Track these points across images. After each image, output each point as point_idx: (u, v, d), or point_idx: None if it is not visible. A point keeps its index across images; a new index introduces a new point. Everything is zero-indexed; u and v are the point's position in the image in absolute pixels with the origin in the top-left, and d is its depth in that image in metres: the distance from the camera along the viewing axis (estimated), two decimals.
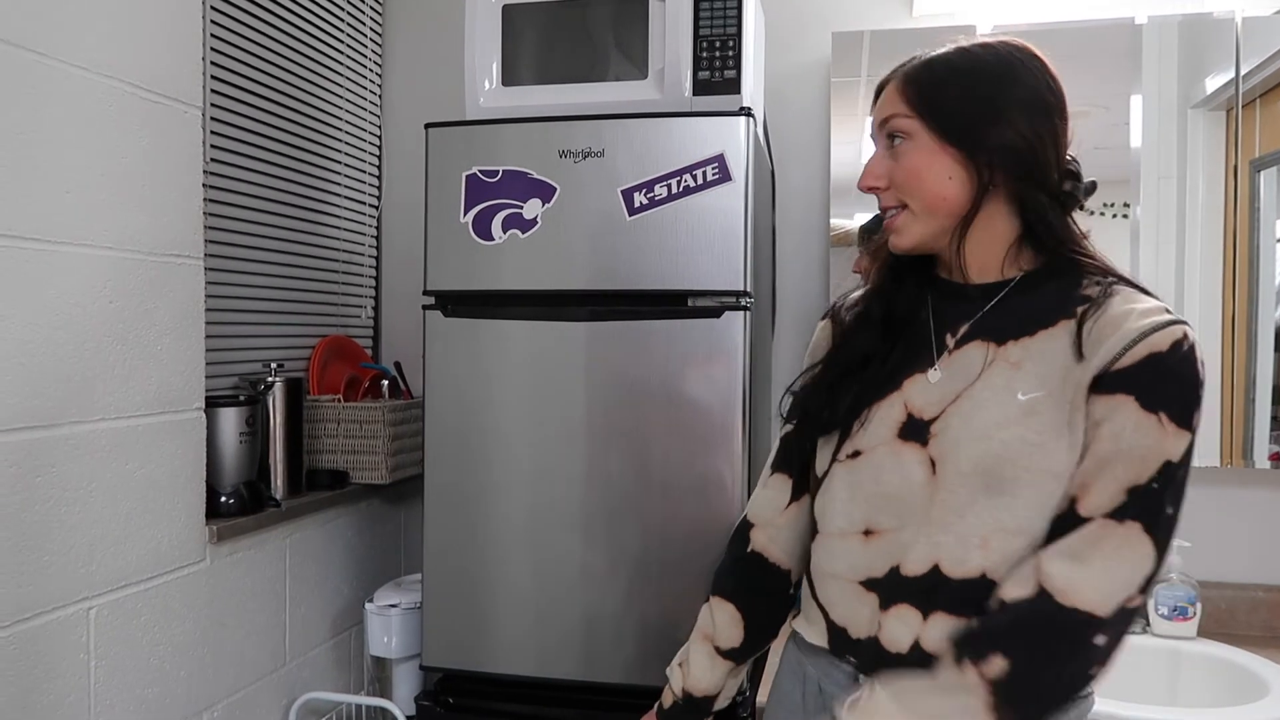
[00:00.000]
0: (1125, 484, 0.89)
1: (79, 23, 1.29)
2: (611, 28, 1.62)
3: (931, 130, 0.99)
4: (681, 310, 1.51)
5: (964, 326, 1.02)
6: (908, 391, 1.02)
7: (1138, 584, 0.89)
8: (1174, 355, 0.89)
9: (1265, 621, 1.77)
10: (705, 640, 1.19)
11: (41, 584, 1.24)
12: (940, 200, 1.00)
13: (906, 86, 1.01)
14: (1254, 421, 1.77)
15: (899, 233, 1.03)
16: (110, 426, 1.35)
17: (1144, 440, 0.89)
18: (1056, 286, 0.98)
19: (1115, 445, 0.90)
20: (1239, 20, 1.76)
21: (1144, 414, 0.89)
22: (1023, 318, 0.98)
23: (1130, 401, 0.89)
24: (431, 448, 1.61)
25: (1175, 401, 0.89)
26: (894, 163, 1.02)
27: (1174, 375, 0.90)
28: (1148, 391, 0.89)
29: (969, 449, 0.95)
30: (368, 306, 2.21)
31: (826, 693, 1.05)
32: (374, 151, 2.22)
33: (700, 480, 1.50)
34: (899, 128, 1.01)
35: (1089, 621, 0.88)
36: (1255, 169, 1.76)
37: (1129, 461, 0.89)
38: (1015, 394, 0.95)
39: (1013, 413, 0.94)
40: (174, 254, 1.46)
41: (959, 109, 0.99)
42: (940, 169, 0.99)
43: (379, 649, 1.81)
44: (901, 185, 1.01)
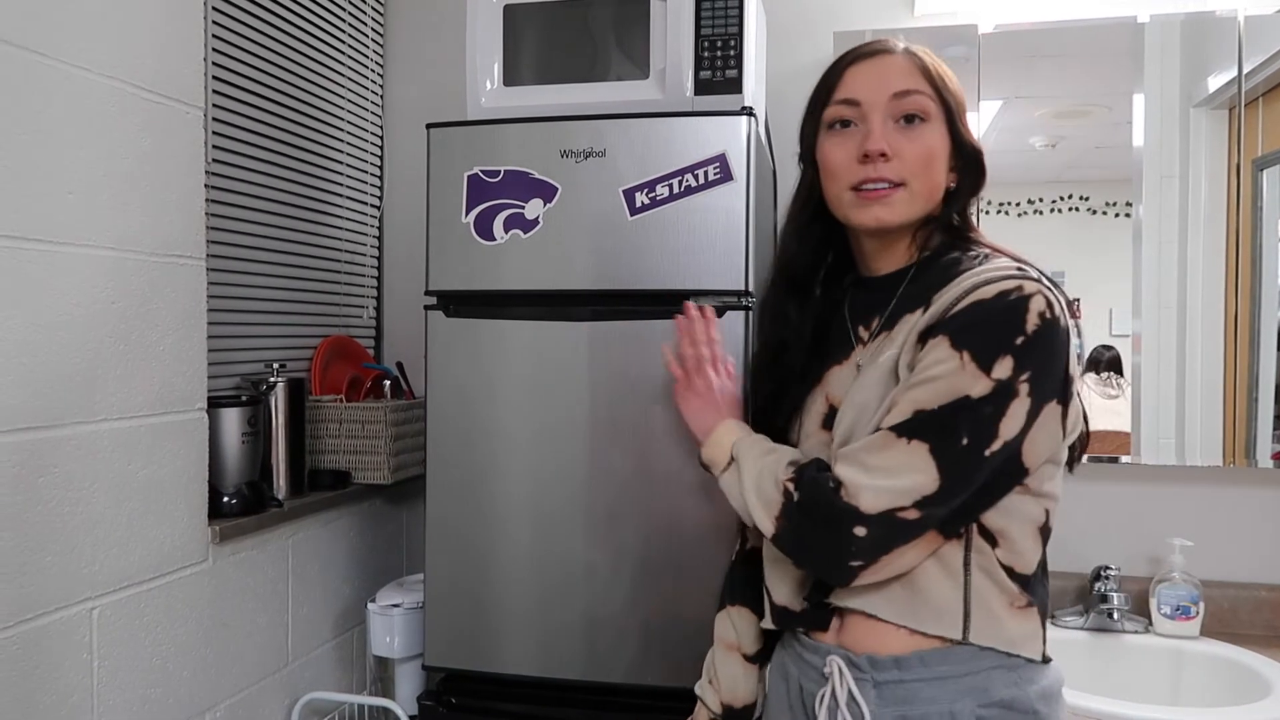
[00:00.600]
0: (915, 405, 0.93)
1: (80, 23, 1.29)
2: (613, 27, 1.62)
3: (946, 120, 1.02)
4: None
5: (876, 319, 1.07)
6: (828, 383, 1.09)
7: (912, 498, 0.93)
8: (996, 302, 0.93)
9: (1268, 621, 1.77)
10: (731, 650, 1.22)
11: (44, 584, 1.24)
12: (937, 189, 1.04)
13: (927, 69, 1.03)
14: (1257, 421, 1.77)
15: (890, 207, 1.02)
16: (112, 427, 1.35)
17: (941, 371, 0.93)
18: (941, 266, 1.02)
19: (919, 375, 0.94)
20: (1241, 19, 1.76)
21: (950, 350, 0.93)
22: (912, 301, 1.02)
23: (943, 341, 0.93)
24: (434, 448, 1.62)
25: (980, 343, 0.92)
26: (906, 140, 1.01)
27: (988, 320, 0.93)
28: (959, 332, 0.93)
29: (845, 418, 1.02)
30: (369, 307, 2.21)
31: (807, 691, 1.07)
32: (375, 152, 2.22)
33: (702, 479, 1.50)
34: (922, 107, 1.01)
35: (855, 514, 0.93)
36: (1258, 168, 1.76)
37: (923, 387, 0.93)
38: (878, 359, 1.01)
39: (875, 376, 1.01)
40: (176, 254, 1.46)
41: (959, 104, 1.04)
42: (944, 161, 1.03)
43: (381, 649, 1.81)
44: (911, 164, 1.01)
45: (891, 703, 0.99)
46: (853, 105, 1.03)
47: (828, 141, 1.06)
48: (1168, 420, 1.80)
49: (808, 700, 1.06)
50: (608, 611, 1.54)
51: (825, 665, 1.03)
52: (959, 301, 0.94)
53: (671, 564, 1.52)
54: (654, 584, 1.53)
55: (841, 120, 1.04)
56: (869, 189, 1.02)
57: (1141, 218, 1.81)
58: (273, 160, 1.86)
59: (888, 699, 1.00)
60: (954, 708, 0.97)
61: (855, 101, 1.03)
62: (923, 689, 0.99)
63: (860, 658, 1.01)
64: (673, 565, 1.52)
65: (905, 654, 1.00)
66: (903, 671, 0.99)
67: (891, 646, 1.00)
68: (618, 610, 1.54)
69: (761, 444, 1.09)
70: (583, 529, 1.55)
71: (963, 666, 0.98)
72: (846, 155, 1.03)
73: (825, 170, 1.06)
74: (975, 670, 0.98)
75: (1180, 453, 1.80)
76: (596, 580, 1.55)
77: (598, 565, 1.55)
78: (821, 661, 1.04)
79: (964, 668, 0.98)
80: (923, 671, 0.99)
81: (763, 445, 1.09)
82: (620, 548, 1.54)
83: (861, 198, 1.03)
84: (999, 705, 0.97)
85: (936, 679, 0.98)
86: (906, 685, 0.99)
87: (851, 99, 1.03)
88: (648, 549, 1.53)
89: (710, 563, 1.50)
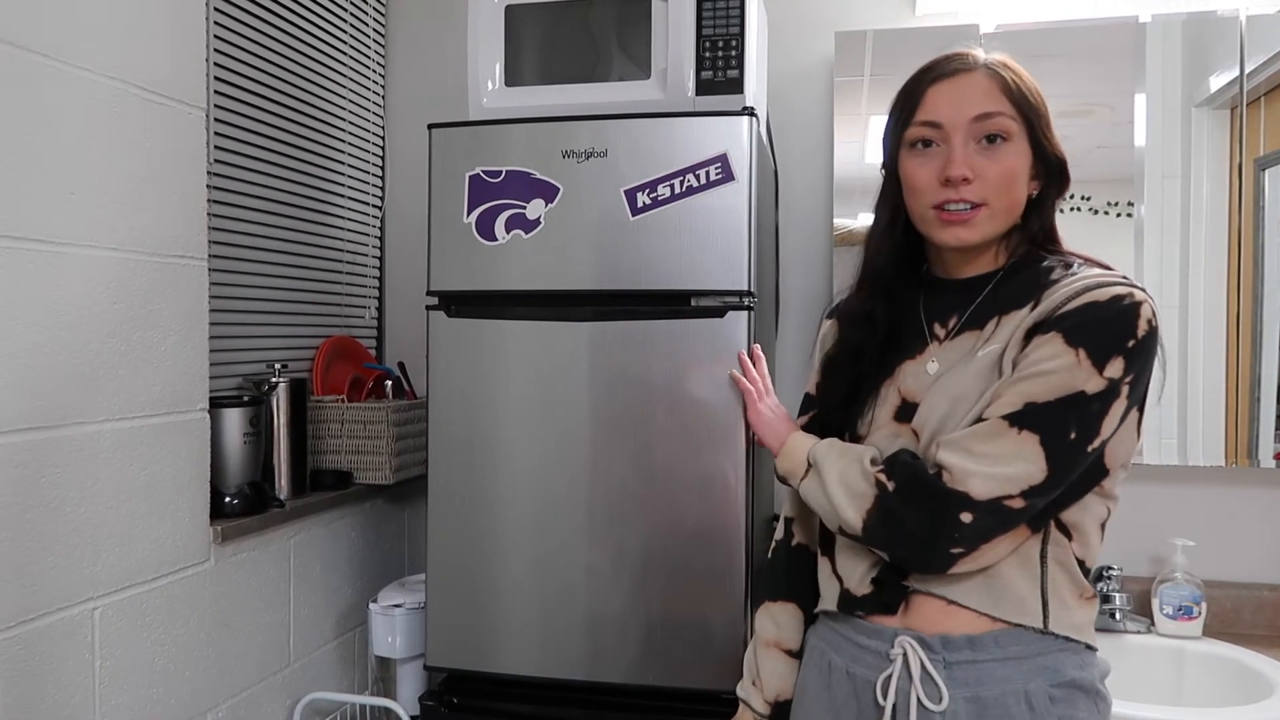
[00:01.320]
0: (1027, 396, 0.96)
1: (83, 24, 1.29)
2: (614, 28, 1.62)
3: (1028, 136, 1.04)
4: (685, 310, 1.51)
5: (954, 318, 1.09)
6: (900, 378, 1.10)
7: (1019, 487, 0.95)
8: (1111, 305, 0.96)
9: (1270, 621, 1.77)
10: (772, 647, 1.23)
11: (46, 585, 1.24)
12: (1017, 205, 1.06)
13: (1008, 87, 1.03)
14: (1259, 421, 1.77)
15: (972, 228, 1.05)
16: (114, 427, 1.35)
17: (1055, 366, 0.95)
18: (1032, 272, 1.05)
19: (1030, 369, 0.96)
20: (1243, 19, 1.75)
21: (1064, 347, 0.95)
22: (1004, 301, 1.05)
23: (1057, 338, 0.96)
24: (435, 448, 1.62)
25: (1096, 342, 0.95)
26: (988, 161, 1.03)
27: (1103, 320, 0.96)
28: (1074, 331, 0.96)
29: (937, 408, 1.03)
30: (371, 307, 2.21)
31: (858, 676, 1.07)
32: (377, 152, 2.22)
33: (704, 480, 1.50)
34: (1003, 128, 1.03)
35: (964, 499, 0.95)
36: (1260, 168, 1.76)
37: (1035, 380, 0.96)
38: (976, 354, 1.03)
39: (973, 370, 1.02)
40: (178, 255, 1.46)
41: (1041, 117, 1.05)
42: (1025, 176, 1.05)
43: (383, 649, 1.81)
44: (994, 185, 1.03)
45: (962, 684, 1.00)
46: (934, 127, 1.05)
47: (910, 160, 1.07)
48: (1169, 420, 1.80)
49: (860, 687, 1.07)
50: (609, 612, 1.54)
51: (892, 647, 1.04)
52: (1070, 301, 0.97)
53: (673, 564, 1.52)
54: (655, 584, 1.53)
55: (924, 140, 1.06)
56: (951, 210, 1.04)
57: (1143, 217, 1.81)
58: (274, 161, 1.86)
59: (958, 680, 1.00)
60: (1028, 687, 0.99)
61: (937, 124, 1.05)
62: (996, 669, 1.00)
63: (933, 638, 1.02)
64: (674, 565, 1.52)
65: (979, 634, 1.01)
66: (976, 651, 1.01)
67: (965, 627, 1.02)
68: (619, 610, 1.54)
69: (836, 446, 1.12)
70: (584, 529, 1.55)
71: (1034, 647, 1.01)
72: (929, 176, 1.05)
73: (908, 188, 1.08)
74: (1045, 651, 1.01)
75: (1182, 453, 1.80)
76: (598, 580, 1.55)
77: (599, 565, 1.55)
78: (884, 645, 1.05)
79: (1035, 648, 1.01)
80: (996, 651, 1.00)
81: (838, 447, 1.11)
82: (621, 548, 1.54)
83: (943, 218, 1.05)
84: (1069, 685, 1.00)
85: (1010, 659, 1.00)
86: (980, 665, 1.00)
87: (933, 121, 1.05)
88: (649, 549, 1.53)
89: (711, 562, 1.50)
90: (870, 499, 1.02)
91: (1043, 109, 1.06)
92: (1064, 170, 1.07)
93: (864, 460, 1.05)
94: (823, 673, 1.12)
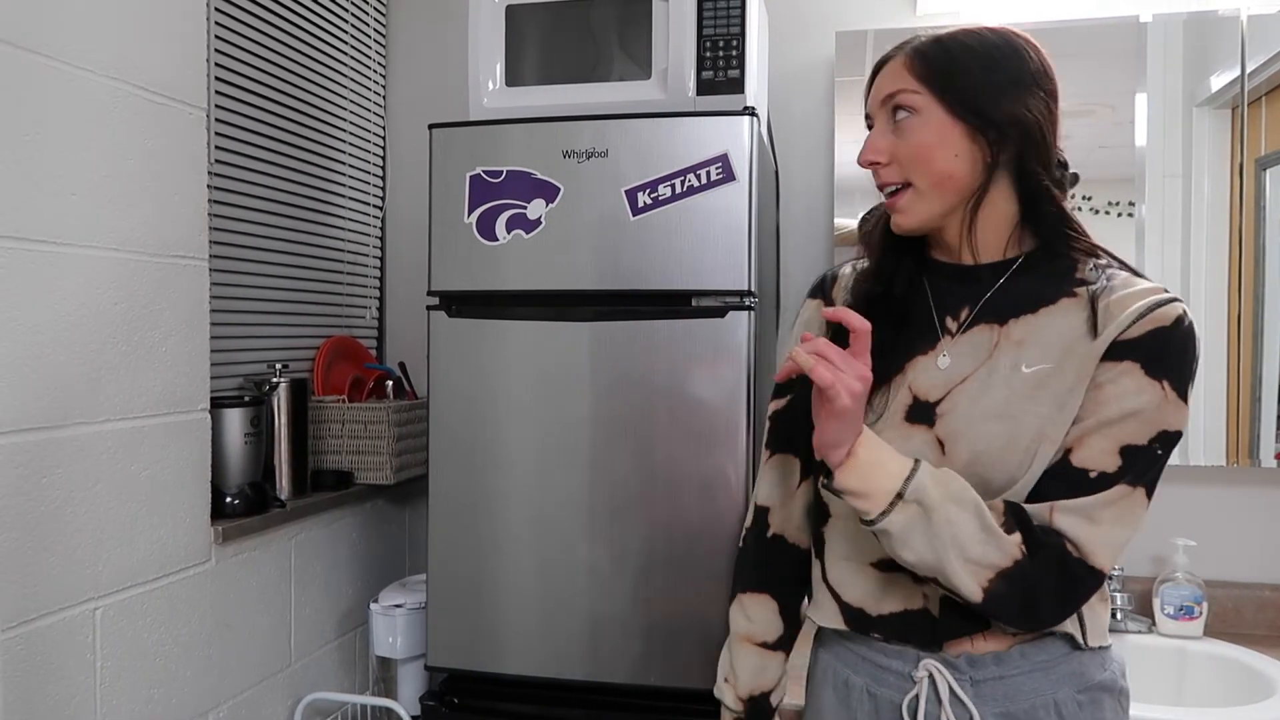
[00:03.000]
0: (1122, 442, 0.92)
1: (84, 25, 1.29)
2: (615, 28, 1.62)
3: (943, 105, 0.98)
4: (686, 310, 1.51)
5: (966, 309, 1.03)
6: (911, 374, 1.03)
7: (1129, 543, 0.94)
8: (1177, 329, 0.93)
9: (1272, 621, 1.77)
10: (746, 641, 1.18)
11: (47, 585, 1.24)
12: (947, 178, 0.99)
13: (916, 61, 1.00)
14: (1260, 420, 1.77)
15: (904, 212, 1.01)
16: (115, 428, 1.35)
17: (1145, 404, 0.92)
18: (1054, 266, 1.00)
19: (1120, 406, 0.92)
20: (1244, 18, 1.75)
21: (1148, 380, 0.92)
22: (1023, 296, 1.00)
23: (1136, 368, 0.92)
24: (436, 448, 1.62)
25: (1176, 371, 0.93)
26: (898, 139, 1.00)
27: (1177, 347, 0.93)
28: (1153, 359, 0.93)
29: (982, 428, 0.96)
30: (372, 307, 2.21)
31: (880, 697, 1.04)
32: (378, 152, 2.22)
33: (705, 479, 1.50)
34: (907, 102, 0.99)
35: (1094, 574, 0.93)
36: (1261, 167, 1.76)
37: (1129, 422, 0.92)
38: (1020, 368, 0.97)
39: (1020, 388, 0.96)
40: (179, 255, 1.46)
41: (974, 83, 0.98)
42: (949, 145, 0.98)
43: (384, 649, 1.82)
44: (908, 161, 1.00)
45: (990, 700, 0.98)
46: (868, 120, 1.05)
47: None
48: None
49: (883, 707, 1.03)
50: (610, 612, 1.54)
51: (916, 669, 1.01)
52: (1136, 323, 0.93)
53: (674, 564, 1.52)
54: (656, 584, 1.53)
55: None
56: (886, 197, 1.03)
57: (1144, 217, 1.81)
58: (275, 161, 1.86)
59: (987, 697, 0.98)
60: (1056, 696, 0.98)
61: (868, 115, 1.05)
62: (1024, 682, 0.98)
63: (958, 659, 1.00)
64: (675, 565, 1.52)
65: (1005, 650, 0.99)
66: (1002, 668, 0.99)
67: (989, 645, 0.99)
68: (620, 610, 1.54)
69: (941, 481, 0.93)
70: (585, 529, 1.55)
71: (1057, 652, 0.99)
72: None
73: None
74: (1069, 655, 0.99)
75: (1183, 452, 1.80)
76: (599, 580, 1.55)
77: (600, 565, 1.55)
78: (908, 666, 1.02)
79: (1058, 653, 0.99)
80: (1023, 664, 0.99)
81: (946, 485, 0.93)
82: (622, 548, 1.54)
83: (886, 206, 1.04)
84: (1096, 688, 0.99)
85: (1037, 670, 0.99)
86: (1007, 680, 0.99)
87: (867, 114, 1.05)
88: (650, 549, 1.53)
89: (712, 562, 1.50)
90: (995, 571, 0.92)
91: (969, 75, 0.98)
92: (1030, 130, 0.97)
93: (983, 516, 0.92)
94: (840, 692, 1.08)
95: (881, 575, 1.03)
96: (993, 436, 0.96)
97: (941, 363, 1.02)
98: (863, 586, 1.04)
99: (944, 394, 1.00)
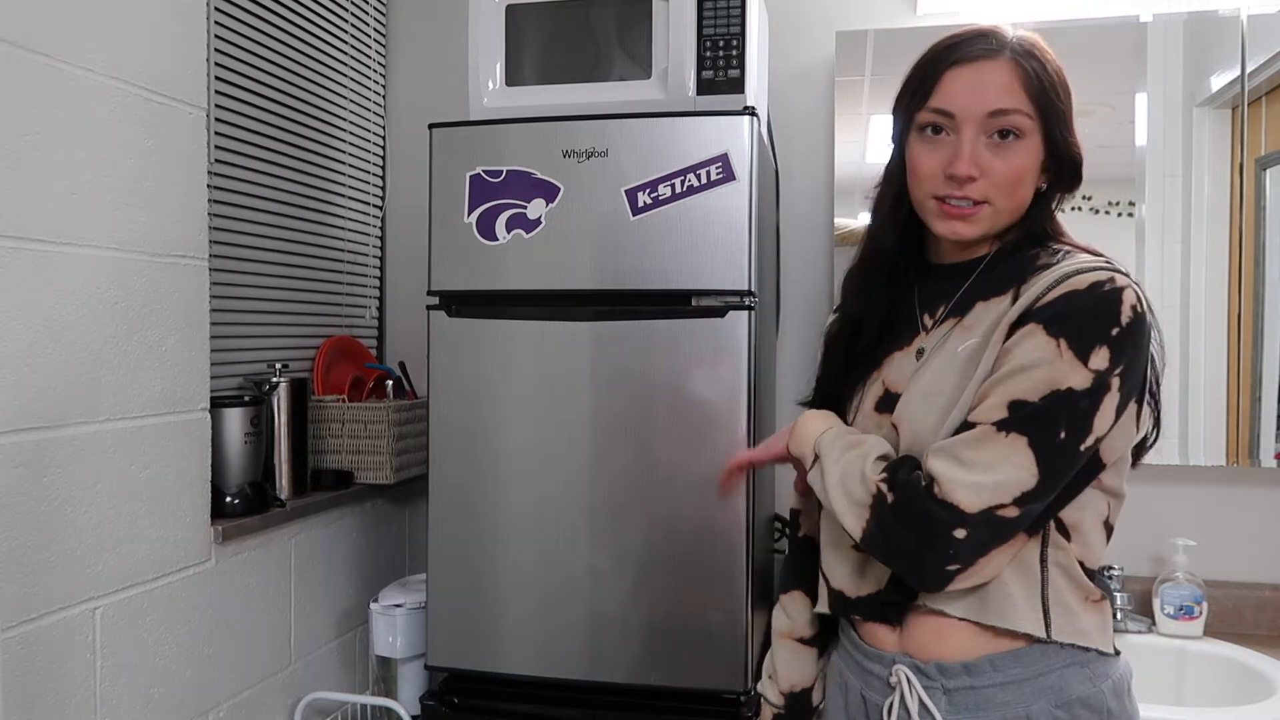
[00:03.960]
0: (1011, 396, 0.92)
1: (84, 25, 1.29)
2: (615, 27, 1.62)
3: (1042, 134, 0.98)
4: (686, 310, 1.51)
5: (943, 306, 1.05)
6: (886, 369, 1.08)
7: (1011, 495, 0.91)
8: (1090, 293, 0.92)
9: (1272, 621, 1.77)
10: (786, 638, 1.22)
11: (47, 584, 1.24)
12: (1023, 204, 1.01)
13: (1029, 80, 0.97)
14: (1260, 420, 1.77)
15: (973, 224, 1.00)
16: (115, 427, 1.35)
17: (1037, 359, 0.91)
18: (1018, 259, 1.01)
19: (1012, 364, 0.93)
20: (1244, 18, 1.75)
21: (1045, 339, 0.92)
22: (985, 288, 1.01)
23: (1038, 330, 0.92)
24: (436, 447, 1.62)
25: (1077, 332, 0.91)
26: (997, 159, 0.98)
27: (1082, 309, 0.92)
28: (1053, 321, 0.92)
29: (919, 407, 1.00)
30: (372, 307, 2.21)
31: (870, 701, 1.06)
32: (378, 152, 2.22)
33: (705, 479, 1.50)
34: (1017, 125, 0.97)
35: (955, 512, 0.90)
36: (1261, 167, 1.76)
37: (1019, 377, 0.92)
38: (956, 348, 0.99)
39: (952, 365, 0.99)
40: (179, 255, 1.46)
41: (1061, 114, 0.99)
42: (1034, 174, 1.00)
43: (384, 649, 1.81)
44: (1000, 184, 0.98)
45: (964, 709, 0.98)
46: (946, 116, 0.99)
47: (918, 143, 1.02)
48: (1170, 420, 1.79)
49: (871, 710, 1.05)
50: (610, 611, 1.54)
51: (890, 674, 1.02)
52: (1049, 291, 0.93)
53: (674, 564, 1.52)
54: (656, 584, 1.53)
55: (934, 126, 1.01)
56: (952, 205, 1.00)
57: (1144, 217, 1.81)
58: (275, 160, 1.86)
59: (959, 706, 0.98)
60: (1029, 710, 0.96)
61: (949, 113, 0.99)
62: (996, 694, 0.97)
63: (928, 665, 1.00)
64: (675, 565, 1.52)
65: (974, 659, 0.98)
66: (973, 678, 0.98)
67: (960, 652, 0.99)
68: (620, 610, 1.54)
69: (844, 438, 1.03)
70: (585, 529, 1.55)
71: (1034, 667, 0.97)
72: (934, 165, 1.00)
73: (912, 172, 1.04)
74: (1047, 670, 0.97)
75: (1183, 452, 1.80)
76: (599, 580, 1.55)
77: (600, 565, 1.55)
78: (885, 670, 1.03)
79: (1035, 668, 0.97)
80: (994, 676, 0.97)
81: (845, 439, 1.03)
82: (622, 547, 1.54)
83: (944, 209, 1.01)
84: (1075, 703, 0.96)
85: (1010, 683, 0.97)
86: (979, 691, 0.98)
87: (945, 109, 0.99)
88: (650, 549, 1.53)
89: (712, 562, 1.50)
90: (867, 509, 0.96)
91: (1064, 104, 0.99)
92: (1078, 169, 1.02)
93: (868, 461, 0.99)
94: (842, 693, 1.11)
95: (859, 556, 1.06)
96: (926, 413, 0.99)
97: (913, 357, 1.05)
98: (844, 570, 1.08)
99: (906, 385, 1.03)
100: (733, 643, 1.49)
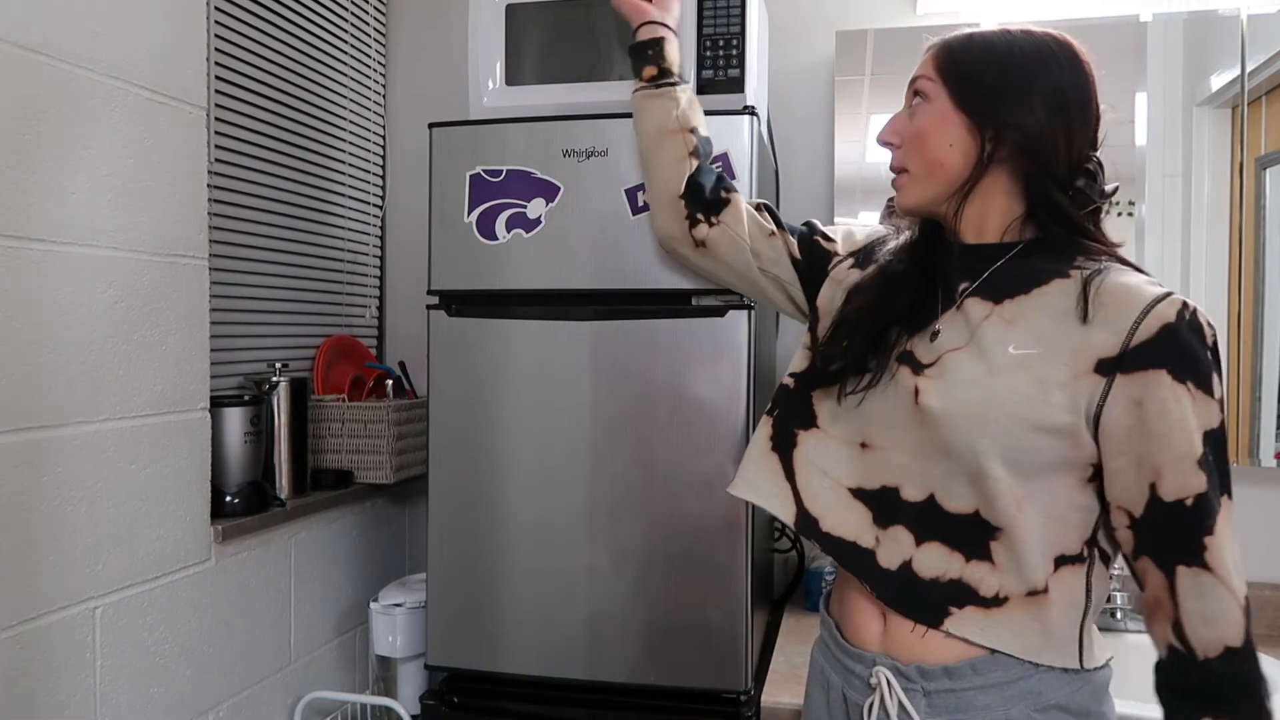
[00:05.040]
0: (1195, 456, 0.91)
1: (83, 24, 1.29)
2: (615, 26, 1.61)
3: (949, 95, 1.02)
4: (686, 309, 1.51)
5: (965, 284, 1.04)
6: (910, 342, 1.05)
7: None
8: (1182, 324, 0.91)
9: (1271, 621, 1.77)
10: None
11: (47, 584, 1.24)
12: (938, 165, 1.02)
13: (941, 51, 1.04)
14: (1260, 420, 1.77)
15: (900, 192, 1.07)
16: (115, 427, 1.35)
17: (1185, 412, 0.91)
18: (1053, 254, 1.01)
19: (1164, 424, 0.91)
20: (1244, 17, 1.75)
21: (1174, 384, 0.91)
22: (1019, 278, 1.00)
23: (1163, 376, 0.91)
24: (436, 447, 1.62)
25: (1193, 369, 0.91)
26: (907, 124, 1.05)
27: (1185, 342, 0.91)
28: (1172, 363, 0.91)
29: (957, 391, 0.98)
30: (372, 306, 2.21)
31: (851, 700, 1.06)
32: (378, 151, 2.22)
33: (705, 478, 1.50)
34: (922, 89, 1.04)
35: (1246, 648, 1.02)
36: (1261, 167, 1.76)
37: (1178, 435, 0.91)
38: (1006, 348, 0.97)
39: (1001, 364, 0.97)
40: (179, 254, 1.46)
41: (982, 81, 1.01)
42: (944, 135, 1.02)
43: (384, 648, 1.81)
44: (908, 145, 1.04)
45: (943, 712, 0.98)
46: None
47: None
48: None
49: (852, 709, 1.05)
50: (610, 611, 1.54)
51: (871, 675, 1.02)
52: (1140, 324, 0.92)
53: (673, 563, 1.52)
54: (656, 583, 1.52)
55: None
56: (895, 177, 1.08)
57: (1144, 216, 1.81)
58: (275, 160, 1.86)
59: (939, 708, 0.98)
60: (1009, 714, 0.96)
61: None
62: (976, 697, 0.97)
63: (909, 668, 1.00)
64: (675, 564, 1.52)
65: (956, 663, 0.98)
66: (954, 680, 0.98)
67: (942, 655, 0.99)
68: (620, 610, 1.54)
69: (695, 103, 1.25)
70: (585, 528, 1.55)
71: (1014, 672, 0.97)
72: None
73: None
74: (1027, 675, 0.97)
75: None
76: (599, 580, 1.55)
77: (600, 564, 1.55)
78: (867, 671, 1.03)
79: (1015, 673, 0.97)
80: (975, 679, 0.98)
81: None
82: (622, 547, 1.54)
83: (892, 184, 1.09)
84: (1054, 708, 0.97)
85: (990, 686, 0.97)
86: (958, 694, 0.98)
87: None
88: (650, 548, 1.53)
89: (712, 562, 1.50)
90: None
91: (983, 72, 1.00)
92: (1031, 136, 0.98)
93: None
94: (824, 690, 1.11)
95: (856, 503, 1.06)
96: (963, 400, 0.97)
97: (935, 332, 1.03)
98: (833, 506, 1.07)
99: (935, 359, 1.01)
100: (733, 642, 1.49)
